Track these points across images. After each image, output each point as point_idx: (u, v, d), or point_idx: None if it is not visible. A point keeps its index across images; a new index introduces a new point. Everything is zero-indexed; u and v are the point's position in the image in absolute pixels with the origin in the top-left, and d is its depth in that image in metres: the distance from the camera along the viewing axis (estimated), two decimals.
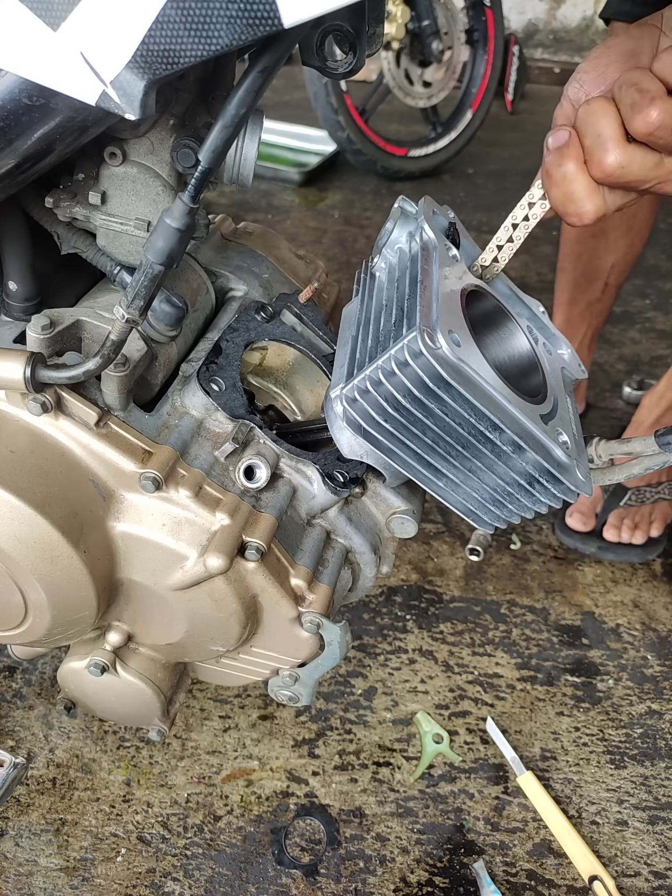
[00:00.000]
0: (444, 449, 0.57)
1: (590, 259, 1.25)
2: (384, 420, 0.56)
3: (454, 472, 0.59)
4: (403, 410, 0.55)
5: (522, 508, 0.62)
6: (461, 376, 0.52)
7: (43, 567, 0.59)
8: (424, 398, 0.53)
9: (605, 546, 1.21)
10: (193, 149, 0.57)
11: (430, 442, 0.57)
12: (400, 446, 0.58)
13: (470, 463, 0.58)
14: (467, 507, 0.63)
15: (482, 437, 0.55)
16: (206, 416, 0.65)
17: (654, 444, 0.61)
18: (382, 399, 0.55)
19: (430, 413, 0.54)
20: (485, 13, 2.42)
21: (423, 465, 0.59)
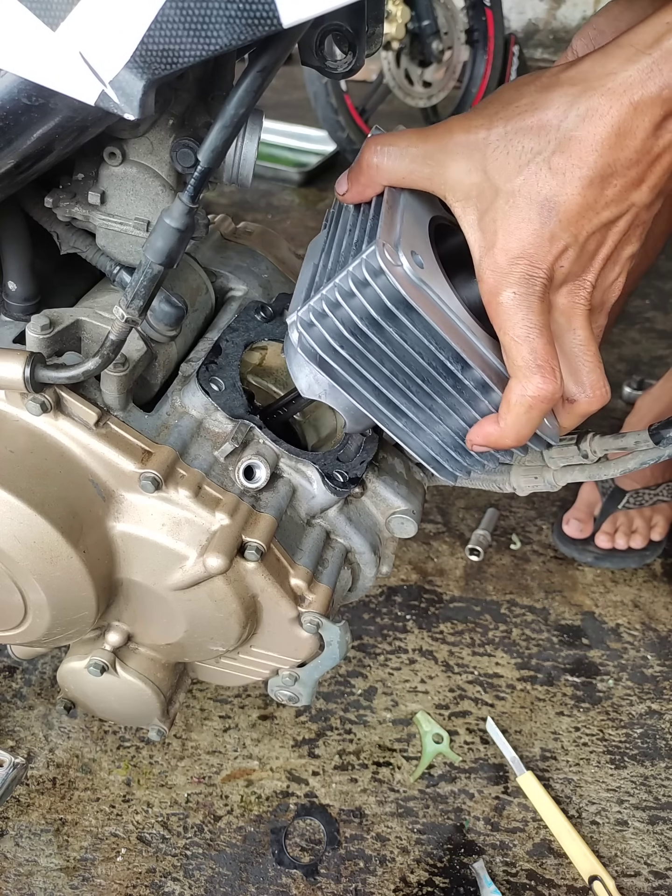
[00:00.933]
0: (404, 382, 0.54)
1: None
2: (341, 346, 0.53)
3: (415, 410, 0.56)
4: (361, 336, 0.52)
5: (485, 456, 0.59)
6: (423, 299, 0.49)
7: (42, 567, 0.59)
8: (383, 321, 0.50)
9: (601, 555, 1.21)
10: (193, 149, 0.56)
11: (389, 373, 0.54)
12: (358, 378, 0.55)
13: (431, 401, 0.55)
14: (428, 453, 0.60)
15: (444, 369, 0.52)
16: (206, 416, 0.65)
17: (649, 438, 0.61)
18: (339, 323, 0.52)
19: (390, 339, 0.51)
20: (485, 13, 2.42)
21: (382, 401, 0.56)
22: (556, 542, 1.24)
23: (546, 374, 0.46)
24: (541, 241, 0.44)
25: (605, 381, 0.50)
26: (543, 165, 0.44)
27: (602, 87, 0.43)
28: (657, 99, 0.42)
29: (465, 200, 0.47)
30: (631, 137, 0.42)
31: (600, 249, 0.46)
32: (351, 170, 0.53)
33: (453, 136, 0.47)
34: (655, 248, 1.23)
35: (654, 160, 0.43)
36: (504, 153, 0.45)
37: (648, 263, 1.24)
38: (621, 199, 0.44)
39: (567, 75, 0.44)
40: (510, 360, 0.48)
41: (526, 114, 0.45)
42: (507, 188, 0.45)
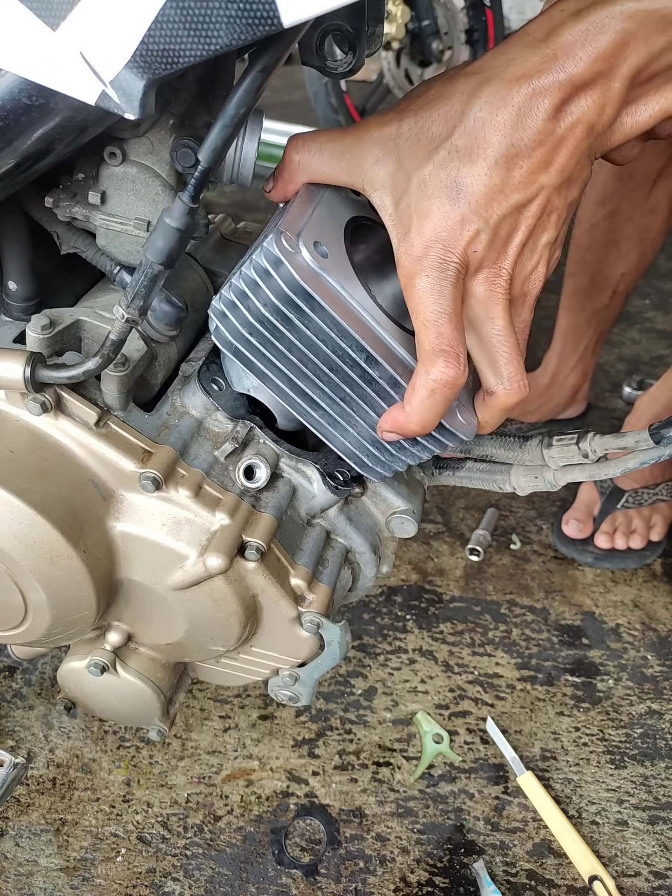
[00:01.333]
0: (314, 371, 0.55)
1: (599, 268, 1.24)
2: (250, 334, 0.54)
3: (329, 402, 0.57)
4: (268, 325, 0.53)
5: (404, 452, 0.59)
6: (323, 288, 0.49)
7: (42, 567, 0.59)
8: (287, 310, 0.51)
9: (601, 555, 1.21)
10: (193, 148, 0.56)
11: (298, 362, 0.54)
12: (270, 367, 0.56)
13: (343, 392, 0.56)
14: (350, 450, 0.61)
15: (349, 359, 0.53)
16: (206, 416, 0.65)
17: (649, 438, 0.61)
18: (247, 312, 0.53)
19: (294, 328, 0.52)
20: (485, 13, 2.41)
21: (296, 392, 0.57)
22: (555, 542, 1.24)
23: (449, 359, 0.47)
24: (452, 225, 0.45)
25: (523, 373, 0.50)
26: (451, 150, 0.45)
27: (502, 74, 0.44)
28: (555, 83, 0.43)
29: (381, 190, 0.48)
30: (532, 118, 0.43)
31: (514, 235, 0.46)
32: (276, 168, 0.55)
33: (369, 131, 0.49)
34: (654, 248, 1.23)
35: (558, 142, 0.44)
36: (415, 142, 0.46)
37: (647, 262, 1.24)
38: (529, 181, 0.45)
39: (471, 67, 0.46)
40: (418, 345, 0.48)
41: (433, 102, 0.46)
42: (418, 175, 0.46)
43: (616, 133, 0.46)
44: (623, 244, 1.20)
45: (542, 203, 0.46)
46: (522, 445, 0.68)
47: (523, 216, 0.46)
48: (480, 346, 0.50)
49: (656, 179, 1.13)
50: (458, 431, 0.54)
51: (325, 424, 0.60)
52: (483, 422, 0.54)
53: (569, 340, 1.34)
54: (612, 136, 0.46)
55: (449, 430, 0.54)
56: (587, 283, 1.27)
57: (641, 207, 1.16)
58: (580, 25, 0.43)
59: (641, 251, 1.22)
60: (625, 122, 0.46)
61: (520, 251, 0.47)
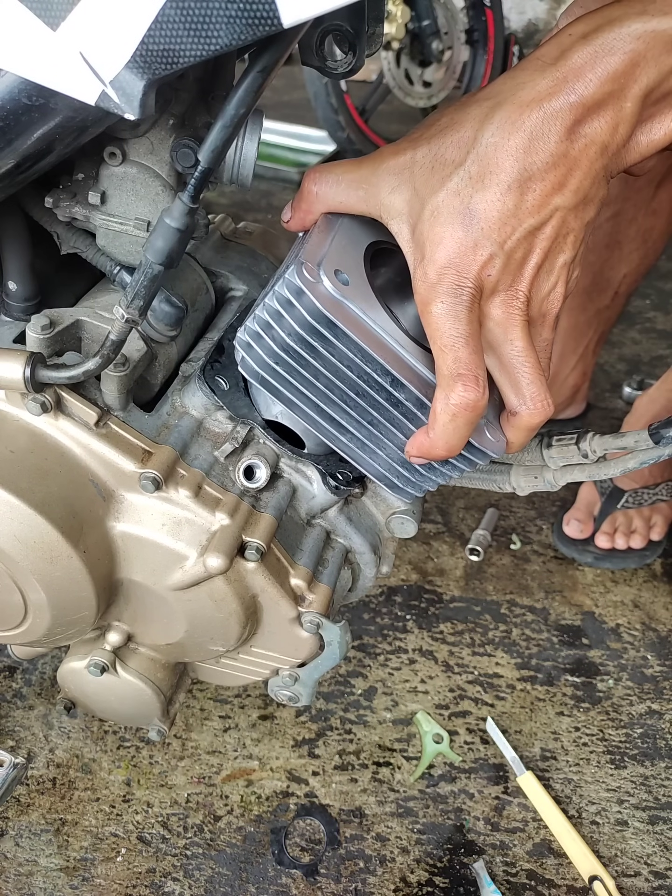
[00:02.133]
0: (340, 397, 0.56)
1: (601, 269, 1.24)
2: (276, 363, 0.55)
3: (356, 426, 0.58)
4: (294, 353, 0.53)
5: (434, 472, 0.60)
6: (346, 315, 0.50)
7: (43, 567, 0.59)
8: (311, 338, 0.52)
9: (601, 555, 1.21)
10: (193, 149, 0.56)
11: (325, 388, 0.55)
12: (297, 394, 0.57)
13: (370, 416, 0.56)
14: (380, 472, 0.61)
15: (375, 383, 0.53)
16: (206, 416, 0.65)
17: (648, 438, 0.61)
18: (272, 342, 0.54)
19: (319, 356, 0.53)
20: (485, 13, 2.42)
21: (324, 417, 0.58)
22: (556, 542, 1.24)
23: (468, 382, 0.47)
24: (465, 251, 0.46)
25: (546, 393, 0.50)
26: (464, 176, 0.45)
27: (513, 98, 0.44)
28: (566, 105, 0.43)
29: (398, 218, 0.49)
30: (544, 141, 0.44)
31: (529, 258, 0.47)
32: (294, 199, 0.55)
33: (384, 161, 0.49)
34: (656, 249, 1.23)
35: (572, 164, 0.44)
36: (429, 169, 0.47)
37: (649, 264, 1.24)
38: (544, 203, 0.45)
39: (482, 93, 0.47)
40: (437, 370, 0.49)
41: (446, 130, 0.47)
42: (432, 201, 0.46)
43: (631, 152, 0.46)
44: (626, 245, 1.20)
45: (557, 225, 0.46)
46: None
47: (538, 239, 0.46)
48: (501, 367, 0.50)
49: (661, 182, 1.13)
50: (488, 450, 0.54)
51: (354, 448, 0.60)
52: (510, 441, 0.55)
53: (570, 340, 1.34)
54: (627, 155, 0.46)
55: (479, 449, 0.55)
56: (589, 284, 1.27)
57: (645, 209, 1.16)
58: (589, 48, 0.43)
59: (644, 252, 1.22)
60: (640, 141, 0.46)
61: (536, 273, 0.47)
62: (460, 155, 0.46)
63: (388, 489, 0.63)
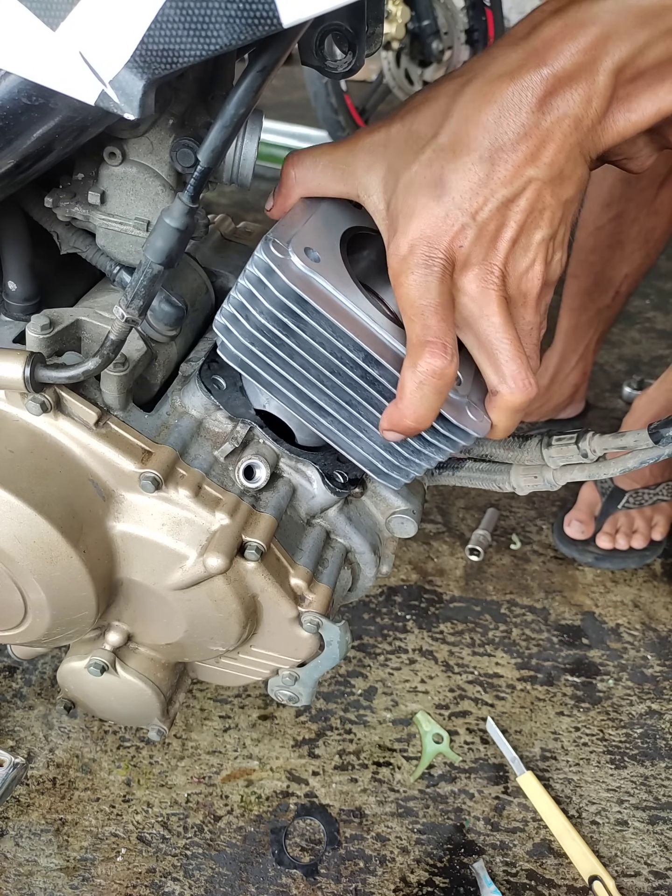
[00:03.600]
0: (316, 376, 0.55)
1: (603, 269, 1.24)
2: (251, 344, 0.55)
3: (335, 407, 0.57)
4: (267, 332, 0.53)
5: (418, 455, 0.59)
6: (316, 291, 0.50)
7: (42, 567, 0.59)
8: (283, 315, 0.51)
9: (601, 556, 1.21)
10: (193, 148, 0.56)
11: (300, 368, 0.55)
12: (275, 376, 0.57)
13: (347, 395, 0.56)
14: (365, 458, 0.61)
15: (349, 360, 0.53)
16: (206, 416, 0.65)
17: (648, 437, 0.61)
18: (247, 323, 0.53)
19: (292, 333, 0.53)
20: (485, 13, 2.41)
21: (303, 399, 0.58)
22: (556, 542, 1.24)
23: (436, 349, 0.47)
24: (436, 221, 0.45)
25: (527, 371, 0.49)
26: (436, 148, 0.45)
27: (485, 72, 0.45)
28: (537, 77, 0.43)
29: (374, 195, 0.49)
30: (516, 112, 0.44)
31: (502, 230, 0.46)
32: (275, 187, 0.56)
33: (360, 140, 0.50)
34: (657, 248, 1.23)
35: (544, 136, 0.44)
36: (403, 144, 0.47)
37: (650, 263, 1.25)
38: (516, 175, 0.45)
39: (457, 71, 0.47)
40: (408, 340, 0.48)
41: (420, 106, 0.47)
42: (405, 175, 0.46)
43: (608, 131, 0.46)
44: (628, 246, 1.20)
45: (532, 198, 0.45)
46: (522, 445, 0.68)
47: (511, 211, 0.46)
48: (479, 345, 0.50)
49: (663, 182, 1.13)
50: (469, 428, 0.53)
51: (336, 432, 0.60)
52: (495, 423, 0.54)
53: (570, 340, 1.34)
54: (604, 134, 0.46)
55: (459, 428, 0.54)
56: (590, 284, 1.27)
57: (647, 209, 1.16)
58: (559, 22, 0.43)
59: (646, 252, 1.22)
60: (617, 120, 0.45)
61: (511, 247, 0.47)
62: (433, 128, 0.46)
63: (375, 475, 0.62)
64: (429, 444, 0.58)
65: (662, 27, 0.42)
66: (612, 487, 1.23)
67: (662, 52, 0.43)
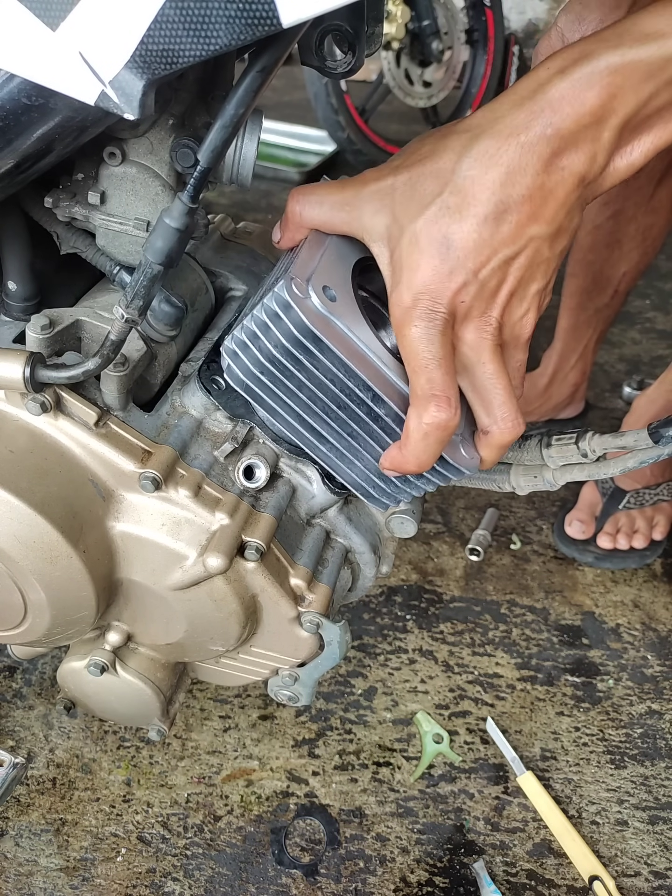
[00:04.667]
0: (322, 408, 0.57)
1: (601, 268, 1.24)
2: (261, 373, 0.56)
3: (336, 437, 0.59)
4: (279, 364, 0.55)
5: (409, 485, 0.61)
6: (330, 331, 0.52)
7: (42, 567, 0.59)
8: (296, 351, 0.53)
9: (602, 555, 1.21)
10: (192, 148, 0.57)
11: (308, 400, 0.57)
12: (280, 404, 0.59)
13: (350, 428, 0.58)
14: (356, 481, 0.63)
15: (356, 398, 0.55)
16: (206, 416, 0.65)
17: (648, 437, 0.61)
18: (258, 352, 0.55)
19: (304, 368, 0.54)
20: (485, 13, 2.42)
21: (305, 427, 0.60)
22: (556, 542, 1.24)
23: (441, 403, 0.49)
24: (440, 278, 0.47)
25: (516, 413, 0.52)
26: (442, 206, 0.46)
27: (491, 130, 0.45)
28: (543, 138, 0.44)
29: (379, 241, 0.50)
30: (521, 174, 0.45)
31: (502, 286, 0.48)
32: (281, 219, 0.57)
33: (367, 185, 0.51)
34: (655, 246, 1.23)
35: (548, 195, 0.45)
36: (409, 197, 0.48)
37: (648, 261, 1.25)
38: (519, 234, 0.46)
39: (462, 125, 0.48)
40: (411, 389, 0.51)
41: (426, 160, 0.48)
42: (410, 228, 0.47)
43: (608, 178, 0.47)
44: (626, 244, 1.20)
45: (531, 255, 0.47)
46: (521, 445, 0.68)
47: (512, 268, 0.47)
48: (474, 389, 0.52)
49: (660, 180, 1.13)
50: (461, 466, 0.56)
51: (332, 457, 0.62)
52: (483, 458, 0.57)
53: (570, 339, 1.34)
54: (604, 182, 0.47)
55: (452, 465, 0.56)
56: (589, 283, 1.27)
57: (645, 207, 1.16)
58: (566, 82, 0.44)
59: (643, 250, 1.22)
60: (618, 167, 0.47)
61: (508, 300, 0.49)
62: (439, 185, 0.47)
63: (365, 498, 0.65)
64: (421, 477, 0.60)
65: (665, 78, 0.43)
66: (612, 488, 1.23)
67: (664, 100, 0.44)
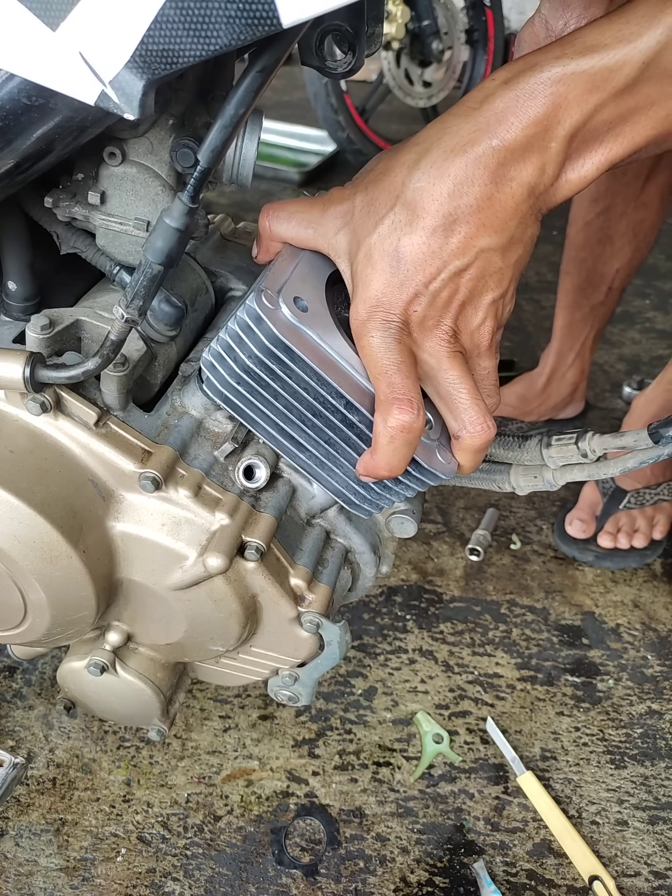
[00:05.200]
0: (298, 417, 0.58)
1: (594, 265, 1.25)
2: (237, 383, 0.58)
3: (314, 445, 0.60)
4: (253, 374, 0.56)
5: (389, 491, 0.62)
6: (302, 340, 0.53)
7: (42, 567, 0.59)
8: (269, 362, 0.54)
9: (602, 555, 1.21)
10: (193, 148, 0.57)
11: (283, 409, 0.58)
12: (258, 413, 0.60)
13: (326, 436, 0.59)
14: (337, 488, 0.64)
15: (330, 405, 0.56)
16: (206, 416, 0.65)
17: (647, 437, 0.61)
18: (234, 364, 0.56)
19: (277, 378, 0.55)
20: (485, 13, 2.42)
21: (282, 435, 0.61)
22: (557, 542, 1.24)
23: (403, 405, 0.50)
24: (391, 290, 0.48)
25: (484, 416, 0.53)
26: (394, 220, 0.48)
27: (439, 144, 0.46)
28: (489, 150, 0.45)
29: (343, 258, 0.52)
30: (469, 185, 0.45)
31: (454, 297, 0.49)
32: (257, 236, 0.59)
33: (332, 204, 0.53)
34: (647, 242, 1.23)
35: (497, 206, 0.46)
36: (366, 213, 0.50)
37: (641, 257, 1.25)
38: (468, 245, 0.47)
39: (413, 139, 0.49)
40: (375, 397, 0.52)
41: (381, 177, 0.49)
42: (366, 244, 0.49)
43: (561, 189, 0.47)
44: (617, 240, 1.21)
45: (482, 266, 0.48)
46: (521, 445, 0.68)
47: (463, 279, 0.48)
48: (439, 396, 0.53)
49: (648, 175, 1.13)
50: (438, 471, 0.57)
51: (312, 466, 0.63)
52: (461, 463, 0.58)
53: (566, 338, 1.34)
54: (556, 193, 0.48)
55: (429, 470, 0.57)
56: (583, 280, 1.27)
57: (635, 203, 1.16)
58: (510, 93, 0.44)
59: (635, 246, 1.22)
60: (570, 179, 0.47)
61: (461, 310, 0.49)
62: (391, 200, 0.48)
63: (347, 506, 0.66)
64: (399, 482, 0.61)
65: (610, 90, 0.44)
66: (613, 488, 1.23)
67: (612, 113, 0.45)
